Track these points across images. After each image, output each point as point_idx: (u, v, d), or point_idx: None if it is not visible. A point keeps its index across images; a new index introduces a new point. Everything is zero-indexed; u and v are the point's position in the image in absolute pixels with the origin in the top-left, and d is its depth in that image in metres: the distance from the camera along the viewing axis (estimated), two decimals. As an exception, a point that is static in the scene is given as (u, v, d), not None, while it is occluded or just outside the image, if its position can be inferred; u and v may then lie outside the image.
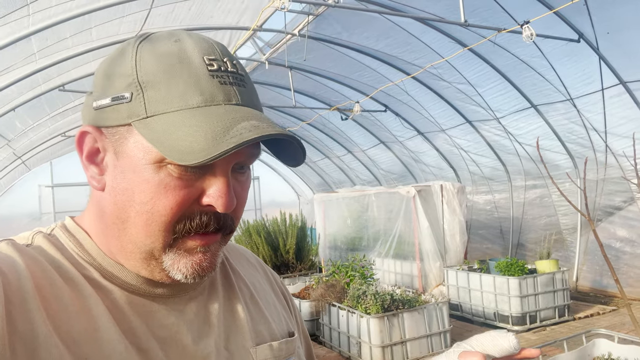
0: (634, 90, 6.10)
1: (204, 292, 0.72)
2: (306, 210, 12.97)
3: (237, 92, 0.62)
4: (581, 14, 5.55)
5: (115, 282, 0.64)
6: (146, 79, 0.59)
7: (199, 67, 0.60)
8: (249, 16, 6.28)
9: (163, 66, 0.60)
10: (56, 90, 6.71)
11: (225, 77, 0.62)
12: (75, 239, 0.67)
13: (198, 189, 0.61)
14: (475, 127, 8.47)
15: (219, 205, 0.61)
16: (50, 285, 0.58)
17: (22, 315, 0.54)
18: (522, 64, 6.70)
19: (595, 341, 3.69)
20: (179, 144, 0.56)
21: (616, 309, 6.33)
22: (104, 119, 0.62)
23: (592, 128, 6.88)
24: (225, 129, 0.56)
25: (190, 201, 0.61)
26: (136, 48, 0.62)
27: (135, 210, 0.61)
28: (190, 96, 0.59)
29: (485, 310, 6.12)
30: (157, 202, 0.60)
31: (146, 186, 0.60)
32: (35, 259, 0.60)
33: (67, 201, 12.56)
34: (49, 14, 4.42)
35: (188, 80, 0.59)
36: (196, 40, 0.63)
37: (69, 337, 0.56)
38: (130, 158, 0.61)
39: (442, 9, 5.93)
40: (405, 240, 7.51)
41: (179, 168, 0.59)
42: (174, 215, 0.60)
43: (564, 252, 7.74)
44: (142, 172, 0.60)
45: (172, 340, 0.64)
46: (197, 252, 0.63)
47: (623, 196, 6.94)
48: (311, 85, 9.34)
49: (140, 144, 0.60)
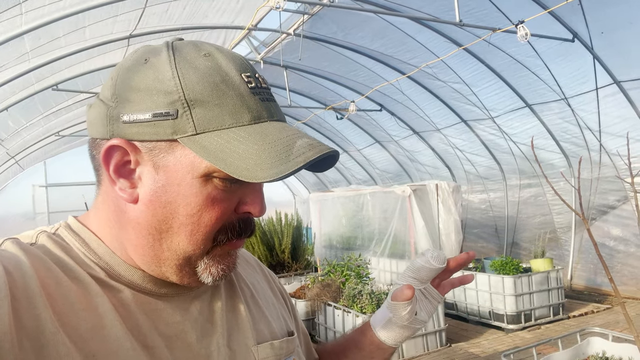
0: (628, 89, 6.13)
1: (207, 292, 0.74)
2: (302, 209, 12.95)
3: (274, 107, 0.66)
4: (575, 14, 5.58)
5: (122, 281, 0.65)
6: (194, 97, 0.60)
7: (241, 85, 0.63)
8: (244, 16, 6.26)
9: (208, 84, 0.61)
10: (49, 89, 6.66)
11: (263, 93, 0.65)
12: (81, 238, 0.67)
13: (237, 198, 0.65)
14: (470, 127, 8.49)
15: (257, 211, 0.66)
16: (56, 284, 0.59)
17: (29, 313, 0.54)
18: (517, 64, 6.72)
19: (590, 340, 3.71)
20: (243, 162, 0.58)
21: (610, 307, 6.37)
22: (139, 134, 0.61)
23: (586, 127, 6.91)
24: (286, 148, 0.59)
25: (231, 210, 0.65)
26: (173, 62, 0.62)
27: (180, 222, 0.63)
28: (240, 114, 0.61)
29: (480, 309, 6.14)
30: (204, 214, 0.63)
31: (193, 199, 0.62)
32: (40, 258, 0.61)
33: (60, 201, 12.49)
34: (41, 13, 4.39)
35: (235, 98, 0.61)
36: (227, 56, 0.65)
37: (76, 334, 0.57)
38: (174, 172, 0.62)
39: (437, 8, 5.93)
40: (400, 239, 7.52)
41: (224, 182, 0.62)
42: (218, 226, 0.64)
43: (559, 250, 7.78)
44: (188, 185, 0.62)
45: (177, 339, 0.66)
46: (229, 256, 0.68)
47: (617, 195, 6.97)
48: (306, 84, 9.33)
49: (186, 158, 0.61)
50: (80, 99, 8.15)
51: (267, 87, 0.66)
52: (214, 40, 6.95)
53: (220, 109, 0.60)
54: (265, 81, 0.67)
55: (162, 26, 6.02)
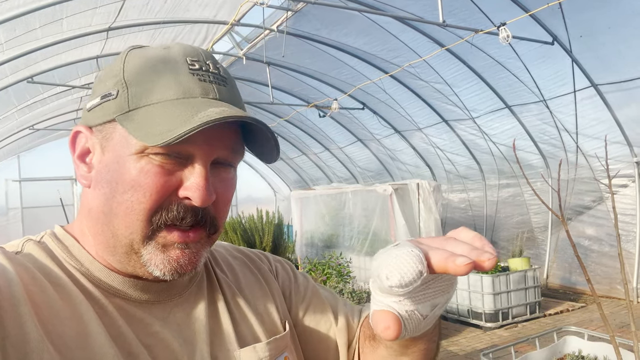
0: (604, 92, 6.26)
1: (189, 299, 0.73)
2: (283, 207, 12.91)
3: (215, 89, 0.65)
4: (556, 17, 5.67)
5: (103, 287, 0.65)
6: (131, 77, 0.64)
7: (181, 66, 0.64)
8: (227, 10, 6.17)
9: (147, 66, 0.64)
10: (24, 82, 6.47)
11: (206, 75, 0.65)
12: (64, 245, 0.68)
13: (177, 179, 0.63)
14: (451, 126, 8.57)
15: (195, 197, 0.62)
16: (41, 292, 0.59)
17: (14, 321, 0.54)
18: (498, 65, 6.80)
19: (566, 338, 3.79)
20: (153, 129, 0.59)
21: (585, 306, 6.52)
22: (94, 118, 0.66)
23: (563, 129, 7.04)
24: (195, 113, 0.59)
25: (168, 191, 0.63)
26: (127, 53, 0.68)
27: (117, 201, 0.62)
28: (170, 90, 0.62)
29: (459, 308, 6.22)
30: (136, 189, 0.61)
31: (127, 175, 0.62)
32: (25, 266, 0.61)
33: (34, 196, 12.19)
34: (17, 4, 4.25)
35: (169, 76, 0.63)
36: (183, 46, 0.68)
37: (61, 342, 0.57)
38: (115, 151, 0.63)
39: (421, 8, 5.96)
40: (381, 237, 7.55)
41: (160, 157, 0.61)
42: (152, 204, 0.62)
43: (535, 249, 7.92)
44: (124, 162, 0.62)
45: (157, 347, 0.65)
46: (175, 249, 0.64)
47: (592, 196, 7.14)
48: (289, 81, 9.28)
49: (123, 136, 0.63)
50: (56, 92, 7.94)
51: (216, 73, 0.67)
52: (194, 36, 6.85)
53: (151, 85, 0.63)
54: (218, 68, 0.68)
55: (142, 19, 5.90)
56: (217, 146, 0.64)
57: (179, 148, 0.61)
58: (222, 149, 0.65)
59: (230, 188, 0.69)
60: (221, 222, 0.69)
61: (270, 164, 14.73)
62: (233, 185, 0.70)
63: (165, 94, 0.62)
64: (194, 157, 0.63)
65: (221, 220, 0.69)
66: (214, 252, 0.85)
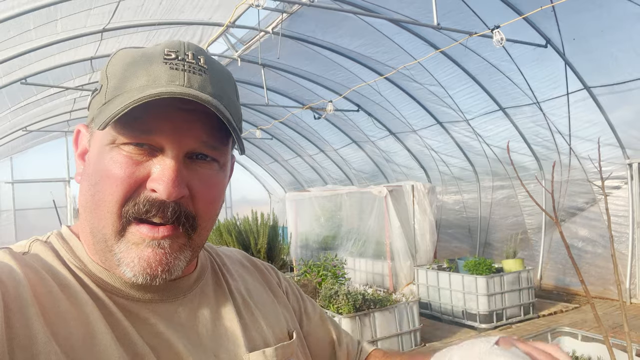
0: (597, 95, 6.32)
1: (194, 300, 0.72)
2: (278, 208, 12.90)
3: (185, 76, 0.62)
4: (549, 20, 5.72)
5: (106, 287, 0.65)
6: (111, 70, 0.65)
7: (157, 57, 0.63)
8: (222, 12, 6.18)
9: (128, 60, 0.64)
10: (18, 83, 6.44)
11: (179, 64, 0.63)
12: (69, 245, 0.67)
13: (146, 170, 0.61)
14: (445, 128, 8.61)
15: (160, 189, 0.60)
16: (48, 293, 0.59)
17: (21, 322, 0.54)
18: (492, 68, 6.85)
19: (560, 339, 3.82)
20: (104, 115, 0.59)
21: (578, 307, 6.56)
22: (89, 115, 0.68)
23: (557, 131, 7.09)
24: (140, 93, 0.58)
25: (137, 182, 0.61)
26: (117, 51, 0.68)
27: (91, 194, 0.62)
28: (138, 79, 0.62)
29: (453, 309, 6.24)
30: (105, 179, 0.61)
31: (100, 166, 0.62)
32: (33, 267, 0.61)
33: (27, 198, 12.09)
34: (12, 4, 4.23)
35: (142, 67, 0.63)
36: (172, 41, 0.67)
37: (67, 343, 0.57)
38: (96, 145, 0.64)
39: (415, 11, 5.99)
40: (376, 239, 7.57)
41: (128, 147, 0.61)
42: (120, 194, 0.60)
43: (529, 251, 7.97)
44: (101, 154, 0.63)
45: (162, 348, 0.64)
46: (147, 246, 0.62)
47: (585, 197, 7.19)
48: (284, 83, 9.29)
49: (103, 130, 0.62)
50: (49, 93, 7.91)
51: (193, 62, 0.64)
52: (189, 38, 6.84)
53: (123, 76, 0.63)
54: (201, 60, 0.65)
55: (137, 21, 5.89)
56: (187, 136, 0.62)
57: (146, 138, 0.60)
58: (192, 140, 0.62)
59: (211, 185, 0.65)
60: (202, 221, 0.65)
61: (265, 166, 14.74)
62: (217, 182, 0.66)
63: (134, 83, 0.61)
64: (164, 148, 0.61)
65: (202, 219, 0.65)
66: (224, 257, 0.85)
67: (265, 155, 14.02)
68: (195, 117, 0.61)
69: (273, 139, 12.67)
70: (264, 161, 14.49)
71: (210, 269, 0.79)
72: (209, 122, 0.63)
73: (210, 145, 0.64)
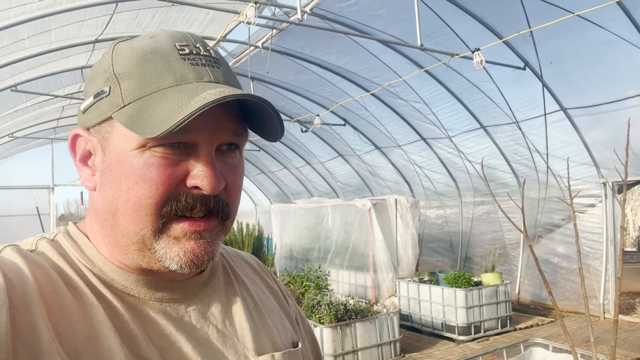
0: (573, 116, 6.59)
1: (204, 300, 0.71)
2: (263, 219, 12.97)
3: (209, 71, 0.63)
4: (527, 44, 5.98)
5: (116, 286, 0.64)
6: (121, 70, 0.62)
7: (171, 53, 0.62)
8: (214, 27, 6.33)
9: (136, 57, 0.62)
10: (8, 90, 6.49)
11: (197, 59, 0.63)
12: (77, 244, 0.67)
13: (183, 169, 0.61)
14: (429, 144, 8.83)
15: (204, 185, 0.61)
16: (54, 292, 0.59)
17: (26, 321, 0.54)
18: (473, 87, 7.09)
19: (532, 350, 3.96)
20: (150, 121, 0.57)
21: (554, 321, 6.75)
22: (90, 119, 0.64)
23: (535, 150, 7.34)
24: (191, 98, 0.57)
25: (175, 181, 0.61)
26: (113, 47, 0.66)
27: (123, 199, 0.61)
28: (163, 78, 0.60)
29: (433, 321, 6.37)
30: (142, 184, 0.60)
31: (131, 171, 0.60)
32: (40, 265, 0.60)
33: (8, 204, 11.91)
34: (7, 15, 4.32)
35: (160, 65, 0.61)
36: (170, 32, 0.66)
37: (71, 344, 0.56)
38: (115, 150, 0.62)
39: (401, 31, 6.21)
40: (360, 252, 7.70)
41: (162, 148, 0.60)
42: (160, 197, 0.60)
43: (508, 265, 8.16)
44: (127, 159, 0.61)
45: (170, 350, 0.64)
46: (189, 239, 0.62)
47: (562, 214, 7.42)
48: (273, 96, 9.44)
49: (122, 133, 0.61)
50: (38, 101, 7.95)
51: (207, 55, 0.65)
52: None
53: (143, 76, 0.61)
54: (209, 50, 0.66)
55: (129, 33, 6.01)
56: (220, 130, 0.63)
57: (181, 137, 0.60)
58: (225, 133, 0.63)
59: (239, 174, 0.68)
60: (233, 207, 0.68)
61: (252, 178, 14.79)
62: (241, 170, 0.69)
63: (158, 83, 0.60)
64: (198, 144, 0.61)
65: (233, 205, 0.68)
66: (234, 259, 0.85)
67: (252, 166, 14.12)
68: (222, 109, 0.61)
69: (260, 151, 12.79)
70: (251, 172, 14.58)
71: (221, 269, 0.79)
72: (233, 111, 0.64)
73: (239, 133, 0.66)
